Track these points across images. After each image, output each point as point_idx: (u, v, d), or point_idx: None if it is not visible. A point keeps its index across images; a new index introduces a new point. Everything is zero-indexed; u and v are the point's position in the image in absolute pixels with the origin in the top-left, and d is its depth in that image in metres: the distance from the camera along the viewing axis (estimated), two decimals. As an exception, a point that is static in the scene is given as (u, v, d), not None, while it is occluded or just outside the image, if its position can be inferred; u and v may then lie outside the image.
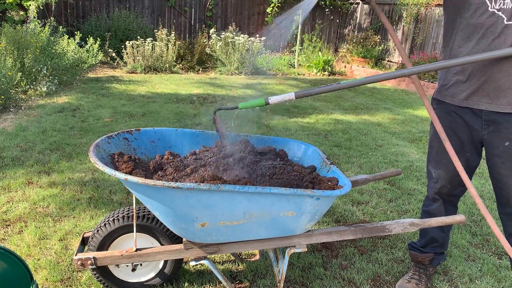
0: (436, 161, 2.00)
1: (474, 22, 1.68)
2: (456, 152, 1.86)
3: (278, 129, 5.05)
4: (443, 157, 1.95)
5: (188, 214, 1.62)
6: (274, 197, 1.61)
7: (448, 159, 1.90)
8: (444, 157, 1.94)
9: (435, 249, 2.20)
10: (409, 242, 2.34)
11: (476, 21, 1.68)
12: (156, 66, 8.94)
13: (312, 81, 9.31)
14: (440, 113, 1.93)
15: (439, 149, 1.96)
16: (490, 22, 1.64)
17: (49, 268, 2.18)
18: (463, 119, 1.86)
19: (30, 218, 2.69)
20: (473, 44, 1.70)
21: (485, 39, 1.66)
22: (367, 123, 5.70)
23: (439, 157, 1.97)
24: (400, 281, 2.22)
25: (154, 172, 1.89)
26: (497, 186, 1.86)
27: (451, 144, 1.83)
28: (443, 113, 1.92)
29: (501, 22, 1.61)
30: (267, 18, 11.71)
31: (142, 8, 10.51)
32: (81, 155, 3.81)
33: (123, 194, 3.10)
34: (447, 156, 1.89)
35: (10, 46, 6.02)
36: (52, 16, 9.04)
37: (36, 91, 6.08)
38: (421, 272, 2.21)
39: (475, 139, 1.87)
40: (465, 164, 1.92)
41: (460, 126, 1.87)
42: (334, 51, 12.39)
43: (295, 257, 2.41)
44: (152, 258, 1.86)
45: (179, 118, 5.24)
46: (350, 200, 3.21)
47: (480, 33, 1.67)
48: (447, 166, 1.95)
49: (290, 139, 2.21)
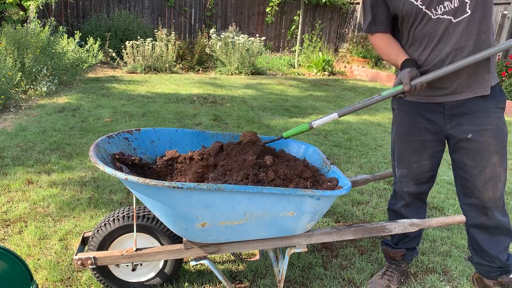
0: (399, 161, 2.04)
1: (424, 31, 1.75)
2: (419, 151, 1.95)
3: (278, 129, 5.05)
4: (405, 157, 2.00)
5: (188, 214, 1.62)
6: (275, 197, 1.61)
7: (409, 158, 1.98)
8: (405, 156, 2.00)
9: (407, 244, 2.22)
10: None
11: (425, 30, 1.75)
12: (156, 66, 8.95)
13: (312, 81, 9.31)
14: (402, 113, 1.98)
15: (400, 149, 2.01)
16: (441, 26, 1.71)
17: (49, 268, 2.18)
18: (425, 117, 1.89)
19: (30, 218, 2.69)
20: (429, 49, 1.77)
21: (441, 42, 1.73)
22: (367, 123, 5.70)
23: (401, 156, 2.02)
24: (373, 277, 2.23)
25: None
26: (462, 177, 1.89)
27: (413, 143, 1.94)
28: (404, 113, 1.97)
29: (449, 22, 1.69)
30: (267, 18, 11.71)
31: (142, 8, 10.52)
32: (81, 155, 3.81)
33: (123, 194, 3.10)
34: (409, 155, 1.97)
35: (10, 46, 6.02)
36: (52, 16, 9.04)
37: (36, 91, 6.08)
38: (393, 268, 2.22)
39: (439, 135, 1.90)
40: (430, 162, 1.97)
41: (421, 125, 1.91)
42: (334, 51, 12.39)
43: (295, 257, 2.41)
44: (152, 258, 1.86)
45: (179, 118, 5.24)
46: (350, 200, 3.22)
47: (432, 39, 1.74)
48: (409, 165, 2.00)
49: (290, 139, 2.21)
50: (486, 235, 1.95)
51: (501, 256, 1.98)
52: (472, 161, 1.82)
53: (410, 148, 1.97)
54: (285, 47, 12.29)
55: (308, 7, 11.94)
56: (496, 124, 1.79)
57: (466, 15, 1.67)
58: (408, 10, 1.73)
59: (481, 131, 1.78)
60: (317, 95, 7.59)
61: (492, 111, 1.79)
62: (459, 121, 1.82)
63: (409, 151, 1.98)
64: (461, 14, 1.67)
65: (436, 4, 1.69)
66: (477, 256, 2.05)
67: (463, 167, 1.87)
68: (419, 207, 2.13)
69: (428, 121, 1.89)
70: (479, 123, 1.78)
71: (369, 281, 2.22)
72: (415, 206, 2.12)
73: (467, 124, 1.80)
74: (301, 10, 11.02)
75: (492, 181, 1.82)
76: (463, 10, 1.67)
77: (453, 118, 1.83)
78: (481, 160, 1.80)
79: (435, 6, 1.69)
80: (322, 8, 12.14)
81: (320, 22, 12.18)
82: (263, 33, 11.74)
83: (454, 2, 1.67)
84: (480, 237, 1.97)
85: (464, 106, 1.80)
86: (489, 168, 1.81)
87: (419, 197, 2.10)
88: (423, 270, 2.38)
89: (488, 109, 1.79)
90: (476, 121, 1.79)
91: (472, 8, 1.66)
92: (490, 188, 1.83)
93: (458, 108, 1.81)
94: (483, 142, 1.78)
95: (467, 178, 1.87)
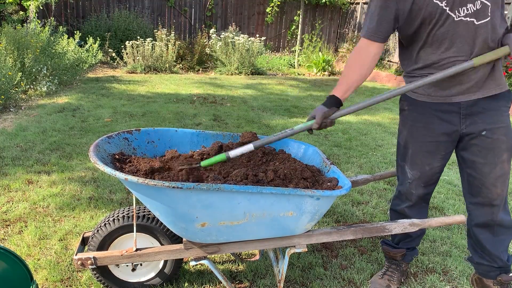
0: (412, 163, 2.01)
1: (444, 32, 1.74)
2: (432, 153, 1.93)
3: (278, 129, 5.05)
4: (418, 158, 1.98)
5: (188, 214, 1.62)
6: (274, 197, 1.61)
7: (422, 160, 1.96)
8: (419, 158, 1.97)
9: (408, 244, 2.22)
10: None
11: (446, 31, 1.73)
12: (156, 66, 8.94)
13: (312, 81, 9.31)
14: (414, 114, 1.95)
15: (414, 151, 1.98)
16: (464, 28, 1.70)
17: (49, 268, 2.18)
18: (440, 118, 1.87)
19: (30, 218, 2.69)
20: (442, 50, 1.76)
21: (463, 43, 1.72)
22: (367, 123, 5.70)
23: (414, 158, 1.99)
24: (373, 277, 2.24)
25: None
26: (470, 175, 1.89)
27: (426, 144, 1.92)
28: (417, 114, 1.94)
29: (472, 24, 1.68)
30: (267, 18, 11.71)
31: (142, 8, 10.52)
32: (81, 155, 3.81)
33: (123, 194, 3.10)
34: (421, 157, 1.96)
35: (10, 46, 6.02)
36: (52, 16, 9.05)
37: (36, 91, 6.08)
38: (393, 268, 2.22)
39: (453, 136, 1.89)
40: (440, 163, 1.96)
41: (435, 126, 1.89)
42: (334, 51, 12.39)
43: (295, 257, 2.41)
44: (152, 258, 1.86)
45: (179, 118, 5.24)
46: (350, 200, 3.22)
47: (453, 41, 1.73)
48: (422, 167, 1.98)
49: (290, 139, 2.21)
50: (489, 234, 1.96)
51: (502, 256, 1.99)
52: (484, 158, 1.83)
53: (423, 150, 1.94)
54: (285, 47, 12.29)
55: (308, 7, 11.94)
56: (507, 122, 1.82)
57: (487, 19, 1.67)
58: (431, 11, 1.70)
59: (494, 129, 1.80)
60: (317, 95, 7.59)
61: (503, 109, 1.82)
62: (473, 120, 1.82)
63: (422, 152, 1.95)
64: (483, 18, 1.67)
65: (459, 5, 1.67)
66: (477, 256, 2.04)
67: (472, 165, 1.87)
68: (422, 208, 2.13)
69: (443, 121, 1.87)
70: (492, 121, 1.80)
71: (369, 281, 2.22)
72: (419, 207, 2.11)
73: (481, 123, 1.81)
74: (301, 10, 11.02)
75: (501, 178, 1.84)
76: (484, 14, 1.67)
77: (467, 118, 1.83)
78: (493, 157, 1.82)
79: (458, 7, 1.68)
80: (322, 8, 12.14)
81: (320, 22, 12.18)
82: (263, 33, 11.74)
83: (476, 5, 1.66)
84: (483, 237, 1.97)
85: (477, 105, 1.81)
86: (499, 166, 1.83)
87: (424, 198, 2.09)
88: (423, 270, 2.38)
89: (499, 107, 1.81)
90: (489, 119, 1.80)
91: (491, 13, 1.67)
92: (499, 185, 1.85)
93: (472, 108, 1.82)
94: (496, 139, 1.80)
95: (475, 176, 1.87)
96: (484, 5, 1.66)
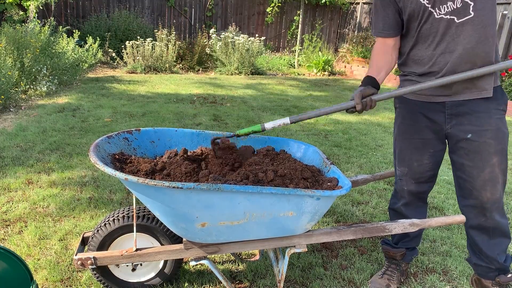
0: (400, 159, 2.05)
1: (428, 29, 1.77)
2: (419, 149, 1.96)
3: (278, 129, 5.05)
4: (405, 155, 2.02)
5: (188, 214, 1.62)
6: (274, 197, 1.61)
7: (410, 157, 1.99)
8: (406, 154, 2.01)
9: (407, 244, 2.22)
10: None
11: (430, 29, 1.77)
12: (156, 66, 8.94)
13: (312, 81, 9.32)
14: (403, 111, 2.00)
15: (401, 147, 2.03)
16: (445, 26, 1.73)
17: (49, 268, 2.18)
18: (426, 116, 1.91)
19: (30, 218, 2.69)
20: (432, 47, 1.79)
21: (444, 42, 1.75)
22: (367, 123, 5.70)
23: (402, 155, 2.04)
24: (373, 277, 2.24)
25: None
26: (460, 177, 1.90)
27: (413, 141, 1.96)
28: (406, 112, 1.99)
29: (453, 22, 1.71)
30: (267, 18, 11.71)
31: (142, 8, 10.52)
32: (81, 155, 3.81)
33: (123, 194, 3.10)
34: (409, 153, 1.99)
35: (10, 46, 6.02)
36: (52, 16, 9.04)
37: (36, 91, 6.08)
38: (393, 268, 2.23)
39: (439, 134, 1.91)
40: (430, 161, 1.98)
41: (422, 124, 1.92)
42: (334, 51, 12.39)
43: (295, 257, 2.41)
44: (152, 258, 1.86)
45: (179, 118, 5.24)
46: (350, 200, 3.21)
47: (436, 38, 1.76)
48: (410, 163, 2.01)
49: (290, 139, 2.21)
50: (485, 236, 1.95)
51: (499, 258, 1.98)
52: (471, 161, 1.82)
53: (411, 147, 1.98)
54: (285, 47, 12.28)
55: (308, 7, 11.94)
56: (497, 125, 1.79)
57: (469, 16, 1.68)
58: (414, 8, 1.75)
59: (480, 132, 1.78)
60: (317, 95, 7.59)
61: (493, 112, 1.79)
62: (459, 120, 1.82)
63: (410, 149, 1.99)
64: (464, 16, 1.69)
65: (439, 3, 1.71)
66: (475, 257, 2.05)
67: (461, 168, 1.88)
68: (419, 207, 2.13)
69: (428, 119, 1.90)
70: (479, 124, 1.78)
71: (369, 281, 2.22)
72: (415, 206, 2.12)
73: (467, 124, 1.80)
74: (301, 10, 11.02)
75: (490, 183, 1.82)
76: (466, 12, 1.68)
77: (453, 118, 1.84)
78: (480, 161, 1.80)
79: (438, 5, 1.71)
80: (322, 8, 12.14)
81: (320, 22, 12.18)
82: (263, 33, 11.74)
83: (456, 3, 1.69)
84: (479, 239, 1.97)
85: (464, 106, 1.80)
86: (488, 169, 1.81)
87: (419, 197, 2.10)
88: (423, 270, 2.38)
89: (489, 110, 1.79)
90: (476, 122, 1.79)
91: (475, 11, 1.68)
92: (488, 189, 1.83)
93: (458, 108, 1.82)
94: (483, 143, 1.79)
95: (465, 179, 1.88)
96: (465, 3, 1.67)
